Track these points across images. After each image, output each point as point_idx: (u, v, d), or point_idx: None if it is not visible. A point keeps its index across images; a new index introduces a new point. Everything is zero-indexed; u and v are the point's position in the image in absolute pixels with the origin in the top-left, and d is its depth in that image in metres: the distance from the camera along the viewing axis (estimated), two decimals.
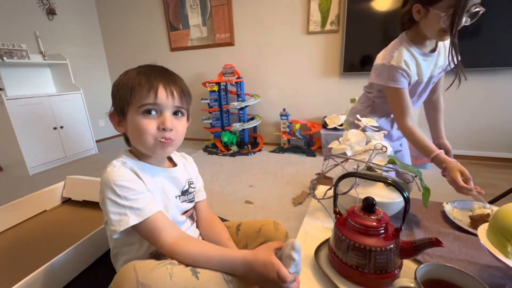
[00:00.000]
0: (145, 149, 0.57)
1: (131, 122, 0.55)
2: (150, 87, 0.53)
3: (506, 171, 2.18)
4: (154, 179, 0.58)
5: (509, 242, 0.39)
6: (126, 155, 0.59)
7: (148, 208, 0.52)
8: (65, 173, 2.57)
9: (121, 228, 0.50)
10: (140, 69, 0.56)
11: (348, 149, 0.66)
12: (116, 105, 0.57)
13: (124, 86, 0.54)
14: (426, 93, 0.95)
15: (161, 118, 0.55)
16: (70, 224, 0.82)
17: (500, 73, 2.19)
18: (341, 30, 2.55)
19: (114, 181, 0.51)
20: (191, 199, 0.68)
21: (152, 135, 0.54)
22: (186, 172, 0.69)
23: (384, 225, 0.47)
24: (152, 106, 0.54)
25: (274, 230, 0.66)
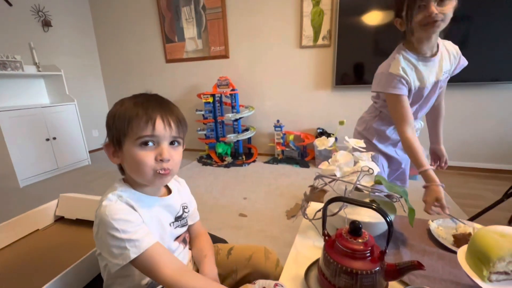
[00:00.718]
0: (143, 180, 0.57)
1: (128, 154, 0.54)
2: (148, 118, 0.53)
3: (493, 181, 2.24)
4: (150, 210, 0.59)
5: (484, 266, 0.41)
6: (120, 186, 0.58)
7: (145, 240, 0.52)
8: (57, 185, 2.54)
9: (124, 262, 0.50)
10: (137, 100, 0.56)
11: (337, 170, 0.69)
12: (112, 135, 0.56)
13: (121, 117, 0.54)
14: (434, 97, 0.94)
15: (159, 149, 0.55)
16: (63, 243, 0.82)
17: (487, 87, 2.28)
18: (333, 44, 2.63)
19: (112, 215, 0.50)
20: (184, 224, 0.68)
21: (150, 167, 0.54)
22: (180, 197, 0.69)
23: (369, 248, 0.49)
24: (149, 138, 0.54)
25: (264, 259, 0.67)
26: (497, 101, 2.30)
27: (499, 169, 2.40)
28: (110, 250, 0.51)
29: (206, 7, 3.01)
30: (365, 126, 1.13)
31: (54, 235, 0.87)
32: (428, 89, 0.91)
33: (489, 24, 2.11)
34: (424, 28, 0.79)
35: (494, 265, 0.41)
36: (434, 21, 0.76)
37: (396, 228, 0.74)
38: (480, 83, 2.26)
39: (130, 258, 0.50)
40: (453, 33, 0.97)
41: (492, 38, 2.12)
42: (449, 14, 0.78)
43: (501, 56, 2.13)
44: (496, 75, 2.20)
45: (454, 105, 2.35)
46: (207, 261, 0.66)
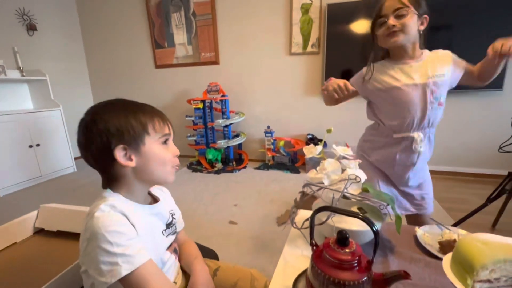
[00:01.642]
0: (161, 177, 0.61)
1: (151, 152, 0.58)
2: (163, 120, 0.60)
3: (477, 186, 2.31)
4: (143, 219, 0.57)
5: (468, 275, 0.42)
6: (110, 195, 0.56)
7: (139, 255, 0.50)
8: (39, 194, 2.44)
9: (113, 279, 0.47)
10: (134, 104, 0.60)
11: (325, 178, 0.69)
12: (128, 139, 0.55)
13: (138, 119, 0.56)
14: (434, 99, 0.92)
15: (171, 146, 0.62)
16: (42, 257, 0.78)
17: (470, 94, 2.36)
18: (322, 52, 2.67)
19: (105, 227, 0.48)
20: (174, 231, 0.68)
21: (170, 163, 0.61)
22: (167, 204, 0.70)
23: (357, 258, 0.49)
24: (167, 137, 0.61)
25: (250, 284, 0.68)
26: (480, 108, 2.38)
27: (483, 174, 2.48)
28: (99, 266, 0.47)
29: (196, 14, 3.02)
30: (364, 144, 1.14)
31: (33, 248, 0.82)
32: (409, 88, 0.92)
33: (470, 33, 2.19)
34: (387, 39, 0.90)
35: (478, 274, 0.41)
36: (393, 31, 0.87)
37: (384, 235, 0.75)
38: (464, 91, 2.34)
39: (121, 275, 0.47)
40: (435, 42, 1.01)
41: (473, 46, 2.20)
42: (410, 25, 0.87)
43: None
44: None
45: None
46: (198, 262, 0.68)
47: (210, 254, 0.83)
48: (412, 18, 0.86)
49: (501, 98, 2.30)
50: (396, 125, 0.97)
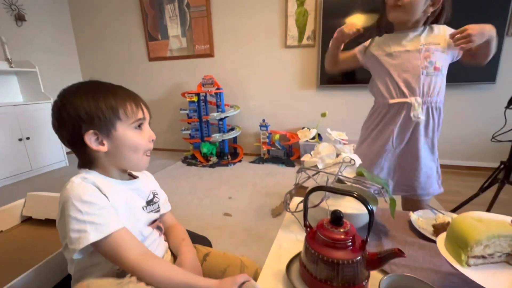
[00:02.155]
0: (132, 163, 0.61)
1: (124, 137, 0.57)
2: (137, 104, 0.58)
3: (470, 178, 2.34)
4: (117, 192, 0.57)
5: (462, 251, 0.41)
6: (85, 171, 0.57)
7: (111, 224, 0.50)
8: (30, 187, 2.39)
9: (80, 246, 0.47)
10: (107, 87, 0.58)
11: (319, 162, 0.68)
12: (99, 124, 0.54)
13: (108, 104, 0.55)
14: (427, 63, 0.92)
15: (146, 131, 0.61)
16: (30, 245, 0.76)
17: (464, 88, 2.38)
18: (317, 44, 2.66)
19: (75, 196, 0.49)
20: (157, 209, 0.68)
21: (143, 148, 0.60)
22: (148, 182, 0.70)
23: (351, 237, 0.48)
24: (142, 121, 0.59)
25: (239, 272, 0.67)
26: (473, 101, 2.40)
27: (475, 166, 2.51)
28: (69, 234, 0.48)
29: (191, 5, 2.97)
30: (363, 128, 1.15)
31: (20, 236, 0.80)
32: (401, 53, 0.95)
33: None
34: (390, 11, 0.93)
35: (472, 249, 0.41)
36: (397, 6, 0.89)
37: (378, 220, 0.74)
38: (457, 84, 2.35)
39: (89, 241, 0.48)
40: None
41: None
42: (415, 5, 0.87)
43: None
44: (473, 76, 2.30)
45: None
46: (185, 243, 0.68)
47: (203, 241, 0.82)
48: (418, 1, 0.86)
49: (494, 91, 2.32)
50: (392, 90, 0.96)
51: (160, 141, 3.45)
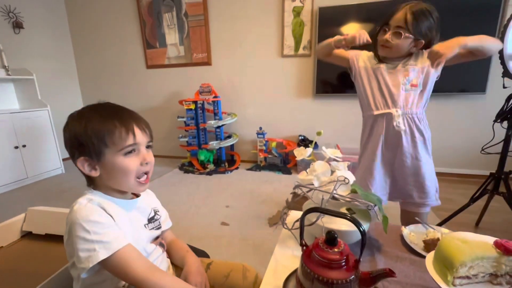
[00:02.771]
0: (125, 187, 0.60)
1: (112, 164, 0.57)
2: (127, 129, 0.57)
3: (462, 186, 2.39)
4: (120, 211, 0.59)
5: (448, 272, 0.44)
6: (89, 192, 0.59)
7: (117, 241, 0.53)
8: (26, 195, 2.38)
9: (90, 264, 0.50)
10: (101, 112, 0.58)
11: (315, 179, 0.71)
12: (89, 151, 0.56)
13: (97, 132, 0.55)
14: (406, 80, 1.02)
15: (140, 155, 0.59)
16: (30, 261, 0.77)
17: (456, 97, 2.45)
18: (313, 54, 2.71)
19: (83, 217, 0.51)
20: (158, 226, 0.70)
21: (134, 173, 0.58)
22: (149, 200, 0.71)
23: (345, 257, 0.50)
24: (132, 147, 0.58)
25: (242, 279, 0.70)
26: (464, 111, 2.47)
27: (467, 174, 2.56)
28: (78, 254, 0.50)
29: (189, 14, 3.01)
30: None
31: (20, 252, 0.81)
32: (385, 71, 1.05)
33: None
34: (380, 48, 1.03)
35: (457, 270, 0.43)
36: (385, 45, 1.00)
37: (372, 235, 0.77)
38: (449, 94, 2.42)
39: (98, 259, 0.50)
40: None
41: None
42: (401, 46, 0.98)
43: (468, 69, 2.30)
44: (464, 86, 2.37)
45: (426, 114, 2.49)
46: (190, 254, 0.71)
47: (201, 255, 0.83)
48: (406, 40, 0.96)
49: (484, 101, 2.38)
50: (377, 101, 1.07)
51: (158, 148, 3.46)
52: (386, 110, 1.05)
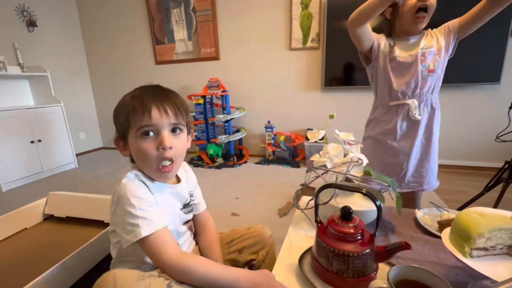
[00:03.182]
0: (148, 173, 0.60)
1: (133, 146, 0.58)
2: (144, 109, 0.55)
3: (475, 178, 2.34)
4: (162, 195, 0.61)
5: (466, 243, 0.44)
6: (136, 169, 0.61)
7: (158, 220, 0.55)
8: (42, 189, 2.46)
9: (134, 239, 0.52)
10: (135, 92, 0.59)
11: (327, 161, 0.71)
12: (118, 130, 0.60)
13: (121, 111, 0.57)
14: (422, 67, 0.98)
15: (158, 138, 0.56)
16: (52, 242, 0.80)
17: (468, 88, 2.39)
18: (322, 47, 2.69)
19: (131, 192, 0.54)
20: (191, 210, 0.72)
21: (153, 158, 0.56)
22: (188, 185, 0.72)
23: (360, 231, 0.51)
24: (148, 128, 0.55)
25: (261, 228, 0.77)
26: (477, 101, 2.41)
27: (480, 166, 2.51)
28: (124, 226, 0.53)
29: (197, 10, 3.03)
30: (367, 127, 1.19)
31: (43, 233, 0.84)
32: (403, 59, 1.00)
33: None
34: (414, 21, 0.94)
35: (475, 242, 0.43)
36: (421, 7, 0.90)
37: (385, 218, 0.77)
38: (461, 84, 2.36)
39: (141, 236, 0.51)
40: None
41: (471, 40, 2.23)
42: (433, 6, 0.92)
43: (480, 58, 2.24)
44: (477, 77, 2.31)
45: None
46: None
47: None
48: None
49: (498, 91, 2.32)
50: (392, 92, 1.03)
51: None
52: (403, 101, 1.02)
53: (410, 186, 1.10)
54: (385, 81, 1.05)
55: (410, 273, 0.46)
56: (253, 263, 0.76)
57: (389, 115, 1.07)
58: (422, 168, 1.08)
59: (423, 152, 1.06)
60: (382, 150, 1.10)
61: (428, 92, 1.02)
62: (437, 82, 1.02)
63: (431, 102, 1.03)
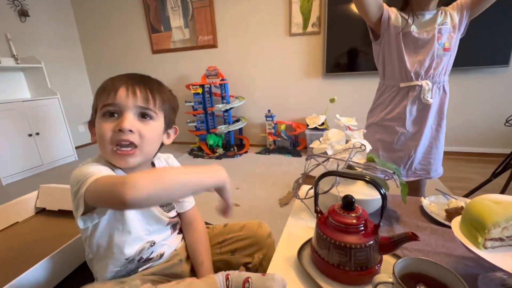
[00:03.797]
0: (106, 157, 0.52)
1: (96, 128, 0.53)
2: (111, 88, 0.51)
3: (480, 165, 2.29)
4: None
5: (479, 233, 0.40)
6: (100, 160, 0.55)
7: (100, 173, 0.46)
8: (41, 182, 2.44)
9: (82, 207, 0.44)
10: (115, 76, 0.55)
11: (328, 148, 0.67)
12: (92, 113, 0.55)
13: (95, 94, 0.54)
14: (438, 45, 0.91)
15: (119, 120, 0.50)
16: (44, 235, 0.78)
17: (472, 72, 2.31)
18: (323, 31, 2.59)
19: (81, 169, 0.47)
20: (172, 208, 0.67)
21: (108, 140, 0.50)
22: None
23: (363, 222, 0.47)
24: (112, 108, 0.50)
25: (257, 227, 0.71)
26: (485, 85, 2.33)
27: (486, 153, 2.46)
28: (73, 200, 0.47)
29: None
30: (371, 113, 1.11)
31: (34, 227, 0.82)
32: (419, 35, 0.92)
33: None
34: None
35: (489, 232, 0.40)
36: None
37: (389, 206, 0.73)
38: (468, 68, 2.28)
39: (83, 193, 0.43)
40: None
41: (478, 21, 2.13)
42: None
43: (488, 40, 2.15)
44: (485, 60, 2.22)
45: None
46: (204, 270, 0.65)
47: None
48: None
49: (507, 74, 2.24)
50: (404, 72, 0.95)
51: None
52: (415, 82, 0.94)
53: (417, 174, 1.05)
54: (397, 58, 0.95)
55: (417, 266, 0.42)
56: (248, 266, 0.70)
57: (398, 99, 0.99)
58: (430, 155, 1.02)
59: (432, 138, 1.01)
60: (389, 137, 1.04)
61: (441, 73, 0.95)
62: (450, 63, 0.95)
63: (443, 85, 0.96)
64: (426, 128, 0.98)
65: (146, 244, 0.58)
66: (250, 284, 0.48)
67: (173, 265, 0.63)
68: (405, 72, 0.95)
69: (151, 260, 0.60)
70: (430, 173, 1.04)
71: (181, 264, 0.65)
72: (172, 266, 0.63)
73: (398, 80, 0.98)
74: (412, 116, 0.98)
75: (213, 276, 0.53)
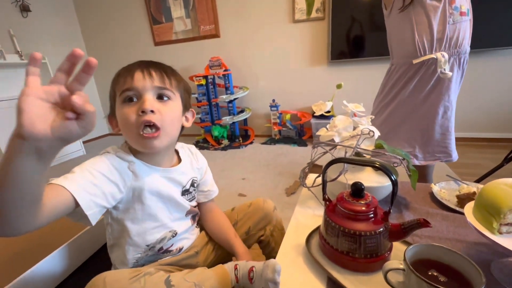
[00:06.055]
0: (132, 143, 0.54)
1: (117, 115, 0.54)
2: (127, 73, 0.52)
3: (491, 150, 2.24)
4: (153, 179, 0.56)
5: (494, 218, 0.39)
6: (122, 148, 0.56)
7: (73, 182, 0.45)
8: (50, 177, 2.49)
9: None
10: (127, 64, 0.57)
11: (335, 135, 0.66)
12: (111, 106, 0.56)
13: (111, 83, 0.55)
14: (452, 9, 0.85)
15: (139, 102, 0.51)
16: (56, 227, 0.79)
17: (483, 55, 2.22)
18: (327, 17, 2.52)
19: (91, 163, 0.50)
20: (193, 198, 0.68)
21: (133, 124, 0.50)
22: (191, 169, 0.66)
23: (373, 209, 0.47)
24: (130, 92, 0.51)
25: (262, 202, 0.75)
26: (497, 68, 2.24)
27: (496, 138, 2.40)
28: None
29: None
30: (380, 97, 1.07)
31: None
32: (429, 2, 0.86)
33: None
34: None
35: (505, 216, 0.38)
36: None
37: (398, 193, 0.72)
38: (477, 50, 2.19)
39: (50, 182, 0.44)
40: None
41: (489, 2, 2.03)
42: None
43: (500, 20, 2.06)
44: (496, 41, 2.13)
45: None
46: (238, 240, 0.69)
47: None
48: None
49: None
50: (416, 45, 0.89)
51: None
52: (429, 56, 0.87)
53: (436, 157, 0.99)
54: (409, 30, 0.89)
55: (429, 252, 0.41)
56: (261, 239, 0.75)
57: (411, 76, 0.93)
58: (446, 134, 0.96)
59: (448, 117, 0.95)
60: (400, 118, 0.99)
61: (459, 43, 0.87)
62: (468, 31, 0.87)
63: (463, 57, 0.89)
64: (440, 106, 0.92)
65: (168, 233, 0.60)
66: (254, 273, 0.51)
67: (189, 257, 0.65)
68: (417, 45, 0.88)
69: (170, 252, 0.62)
70: (452, 155, 0.98)
71: (197, 256, 0.67)
72: (188, 257, 0.65)
73: (411, 54, 0.92)
74: (426, 92, 0.93)
75: (223, 266, 0.55)
